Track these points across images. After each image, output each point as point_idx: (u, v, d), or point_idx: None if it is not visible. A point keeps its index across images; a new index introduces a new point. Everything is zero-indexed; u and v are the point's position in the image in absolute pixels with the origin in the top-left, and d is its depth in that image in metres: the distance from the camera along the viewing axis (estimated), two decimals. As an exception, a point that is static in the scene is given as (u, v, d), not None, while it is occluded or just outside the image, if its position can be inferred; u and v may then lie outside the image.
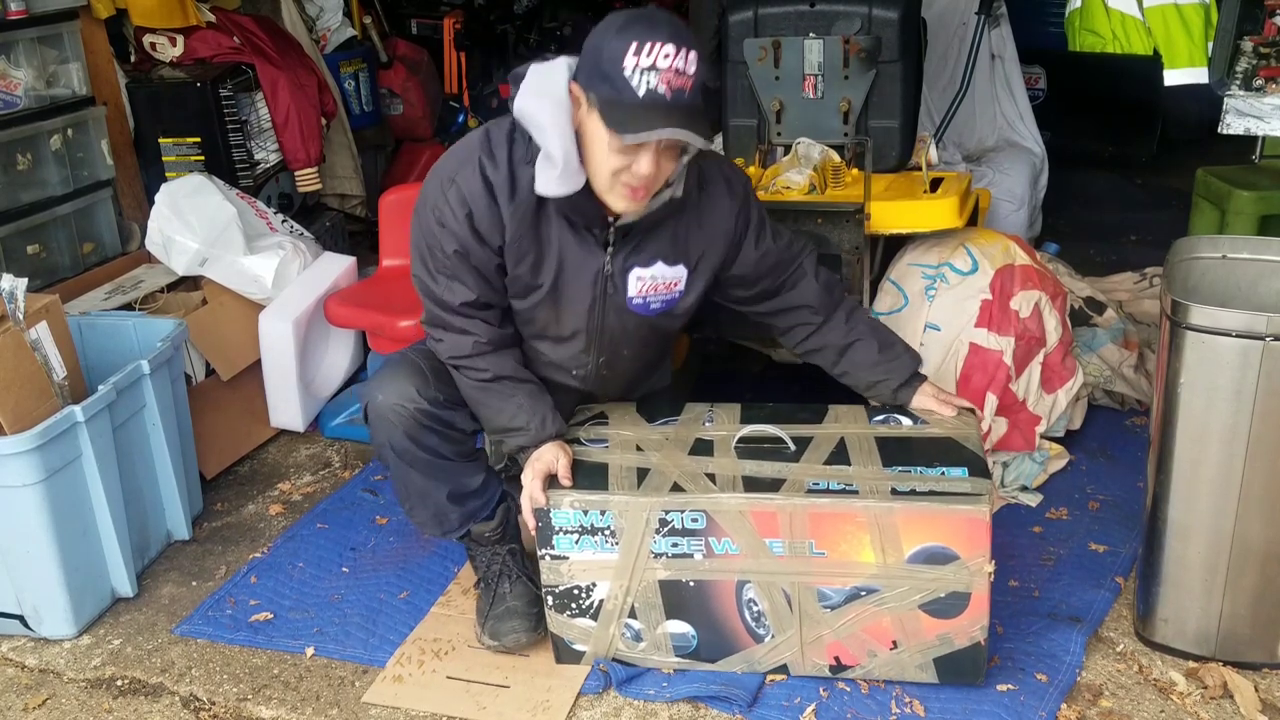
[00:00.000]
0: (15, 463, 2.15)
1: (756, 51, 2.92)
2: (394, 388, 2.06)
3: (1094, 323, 3.07)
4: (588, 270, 2.05)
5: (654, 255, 2.07)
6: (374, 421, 2.09)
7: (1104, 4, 3.42)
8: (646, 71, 1.79)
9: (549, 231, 2.01)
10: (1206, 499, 1.99)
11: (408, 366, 2.10)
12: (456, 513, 2.15)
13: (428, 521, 2.18)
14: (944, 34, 4.08)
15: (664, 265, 2.09)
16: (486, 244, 1.99)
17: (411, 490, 2.14)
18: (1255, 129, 2.66)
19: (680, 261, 2.10)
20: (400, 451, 2.08)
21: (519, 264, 2.02)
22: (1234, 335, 1.88)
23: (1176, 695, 2.02)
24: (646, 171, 1.86)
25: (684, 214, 2.07)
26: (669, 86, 1.80)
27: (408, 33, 4.98)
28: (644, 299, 2.11)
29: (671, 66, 1.79)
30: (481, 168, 1.96)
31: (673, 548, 1.99)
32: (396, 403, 2.04)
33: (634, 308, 2.11)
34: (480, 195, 1.95)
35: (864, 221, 2.57)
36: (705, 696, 2.03)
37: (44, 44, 3.22)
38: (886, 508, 1.90)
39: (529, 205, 1.97)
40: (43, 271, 3.16)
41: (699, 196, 2.09)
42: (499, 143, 1.98)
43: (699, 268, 2.13)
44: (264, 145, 3.73)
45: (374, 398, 2.07)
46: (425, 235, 2.02)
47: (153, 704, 2.13)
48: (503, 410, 2.06)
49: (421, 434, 2.06)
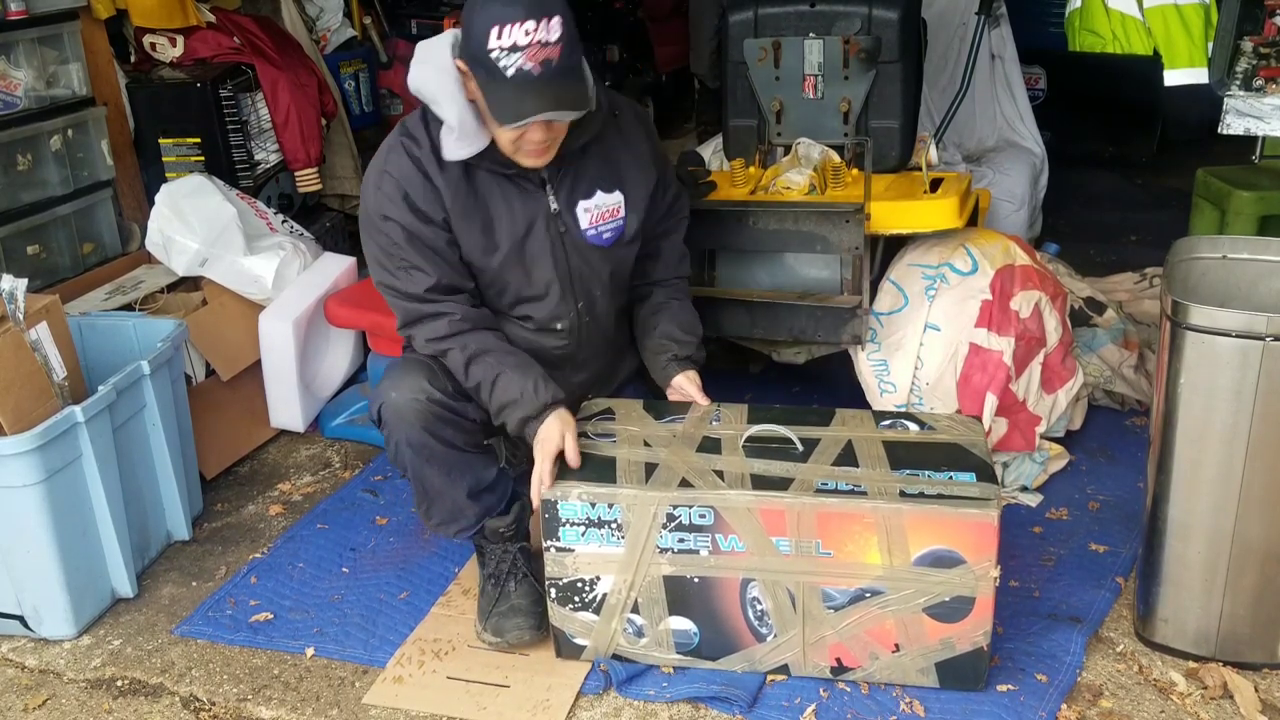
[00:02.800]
0: (15, 463, 2.15)
1: (756, 52, 2.92)
2: (406, 383, 2.08)
3: (1094, 323, 3.07)
4: (538, 215, 2.12)
5: (591, 185, 2.17)
6: (389, 419, 2.09)
7: (1104, 4, 3.43)
8: (510, 53, 1.85)
9: (487, 191, 2.09)
10: (1206, 499, 1.99)
11: (415, 364, 2.13)
12: (473, 509, 2.17)
13: (445, 521, 2.19)
14: (944, 34, 4.07)
15: (602, 193, 2.18)
16: (431, 221, 2.06)
17: (429, 489, 2.15)
18: (1255, 129, 2.66)
19: (616, 187, 2.20)
20: (418, 446, 2.08)
21: (469, 231, 2.08)
22: (1234, 335, 1.88)
23: (1176, 695, 2.02)
24: (539, 138, 1.96)
25: (605, 140, 2.17)
26: (536, 62, 1.86)
27: (408, 33, 4.97)
28: (596, 229, 2.19)
29: (534, 41, 1.85)
30: (406, 149, 2.06)
31: (679, 543, 1.99)
32: (411, 397, 2.06)
33: (590, 240, 2.18)
34: (412, 173, 2.05)
35: (864, 221, 2.57)
36: (705, 697, 2.03)
37: (44, 44, 3.22)
38: (895, 509, 1.90)
39: (458, 171, 2.06)
40: (43, 272, 3.16)
41: (615, 123, 2.19)
42: (415, 125, 2.09)
43: (631, 193, 2.22)
44: (264, 145, 3.73)
45: (387, 396, 2.09)
46: (375, 237, 2.10)
47: (153, 704, 2.13)
48: (494, 385, 2.08)
49: (436, 426, 2.08)
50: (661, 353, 2.34)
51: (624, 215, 2.22)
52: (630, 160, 2.22)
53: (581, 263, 2.19)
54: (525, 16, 1.84)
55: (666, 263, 2.39)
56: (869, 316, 2.69)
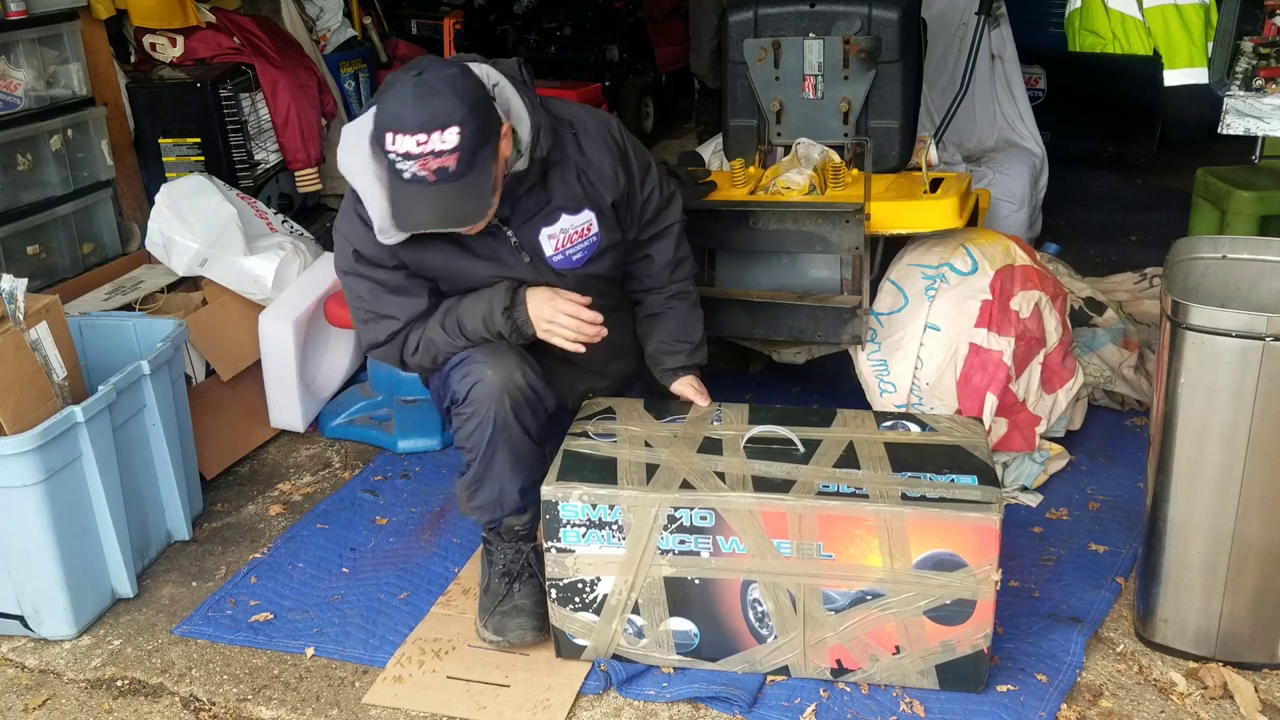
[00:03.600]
0: (15, 463, 2.15)
1: (756, 52, 2.92)
2: (502, 363, 2.09)
3: (1094, 323, 3.07)
4: (503, 252, 2.12)
5: (554, 210, 2.14)
6: (478, 396, 2.08)
7: (1104, 4, 3.43)
8: (402, 159, 1.86)
9: (442, 241, 2.08)
10: (1206, 499, 1.99)
11: (500, 347, 2.13)
12: (515, 502, 2.17)
13: (485, 505, 2.18)
14: (944, 34, 4.08)
15: (568, 216, 2.15)
16: (383, 267, 2.10)
17: (489, 471, 2.14)
18: (1255, 129, 2.67)
19: (584, 207, 2.16)
20: (500, 426, 2.08)
21: (430, 269, 2.12)
22: (1234, 335, 1.88)
23: (1176, 695, 2.02)
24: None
25: (565, 162, 2.14)
26: (429, 170, 1.85)
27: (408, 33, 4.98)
28: (563, 253, 2.17)
29: (427, 152, 1.84)
30: (357, 212, 2.07)
31: (680, 545, 1.99)
32: (508, 376, 2.08)
33: (558, 265, 2.17)
34: (360, 233, 2.08)
35: (864, 222, 2.57)
36: (705, 697, 2.03)
37: (44, 44, 3.22)
38: (897, 512, 1.90)
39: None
40: (43, 272, 3.16)
41: (575, 141, 2.16)
42: None
43: (601, 207, 2.19)
44: (264, 145, 3.73)
45: (483, 374, 2.08)
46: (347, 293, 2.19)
47: (153, 704, 2.13)
48: (472, 303, 2.11)
49: (522, 409, 2.10)
50: (657, 364, 2.38)
51: (597, 232, 2.19)
52: (595, 177, 2.17)
53: (559, 283, 2.19)
54: (416, 129, 1.83)
55: (660, 267, 2.37)
56: (869, 316, 2.69)
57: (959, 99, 3.50)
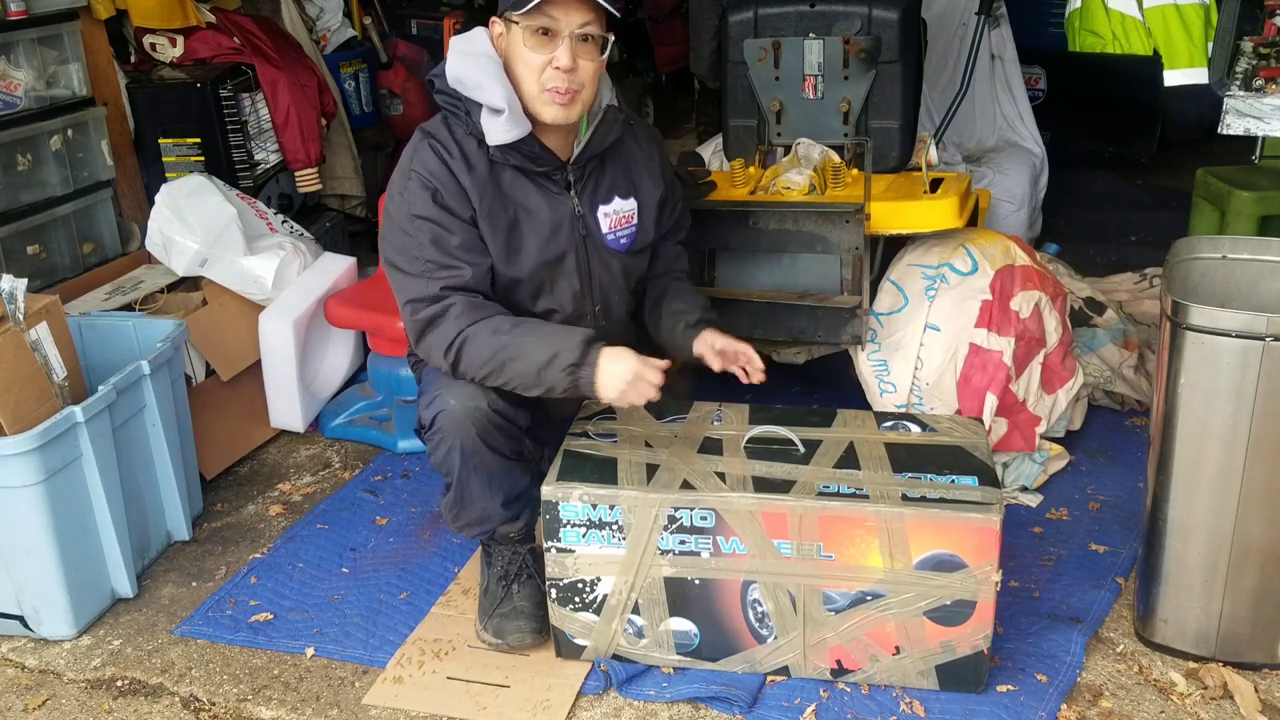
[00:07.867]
0: (15, 463, 2.15)
1: (756, 52, 2.92)
2: (464, 391, 2.06)
3: (1094, 323, 3.07)
4: (563, 217, 2.14)
5: (610, 190, 2.20)
6: (445, 425, 2.06)
7: (1104, 4, 3.43)
8: None
9: (513, 190, 2.11)
10: (1206, 499, 1.99)
11: None
12: (501, 515, 2.17)
13: (471, 524, 2.19)
14: (944, 34, 4.08)
15: (619, 199, 2.22)
16: (458, 217, 2.06)
17: (466, 494, 2.14)
18: (1255, 129, 2.66)
19: (631, 194, 2.24)
20: (469, 454, 2.07)
21: (495, 231, 2.09)
22: (1234, 335, 1.88)
23: (1176, 696, 2.02)
24: (565, 61, 1.97)
25: (622, 148, 2.22)
26: None
27: (408, 33, 4.97)
28: (614, 234, 2.22)
29: None
30: (432, 149, 2.07)
31: (680, 545, 1.99)
32: (472, 405, 2.04)
33: (610, 244, 2.21)
34: (440, 169, 2.06)
35: (864, 222, 2.57)
36: (705, 697, 2.03)
37: (44, 44, 3.22)
38: (897, 513, 1.90)
39: (485, 172, 2.08)
40: (43, 272, 3.16)
41: (630, 132, 2.25)
42: (438, 129, 2.10)
43: (644, 202, 2.26)
44: (264, 145, 3.73)
45: (446, 403, 2.05)
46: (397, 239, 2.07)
47: (153, 704, 2.13)
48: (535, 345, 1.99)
49: (490, 434, 2.07)
50: (675, 326, 2.28)
51: (637, 222, 2.25)
52: (643, 170, 2.26)
53: (601, 268, 2.20)
54: None
55: (665, 260, 2.40)
56: (869, 316, 2.69)
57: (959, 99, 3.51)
